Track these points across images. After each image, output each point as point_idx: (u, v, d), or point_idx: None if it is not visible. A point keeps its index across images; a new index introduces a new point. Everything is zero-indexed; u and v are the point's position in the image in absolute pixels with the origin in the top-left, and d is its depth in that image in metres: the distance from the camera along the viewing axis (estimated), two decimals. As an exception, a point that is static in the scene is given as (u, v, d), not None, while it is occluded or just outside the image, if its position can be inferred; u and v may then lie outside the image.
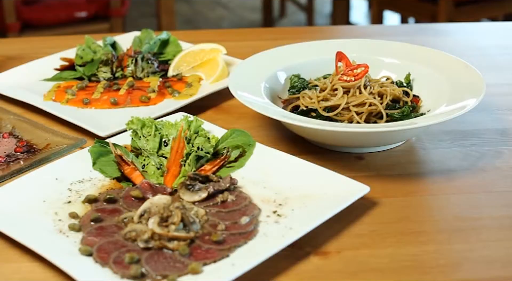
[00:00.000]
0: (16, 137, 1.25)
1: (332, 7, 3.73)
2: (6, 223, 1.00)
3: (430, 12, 2.93)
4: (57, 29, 2.94)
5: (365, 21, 4.86)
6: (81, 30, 2.83)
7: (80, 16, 3.03)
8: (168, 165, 1.11)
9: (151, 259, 0.93)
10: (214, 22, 4.81)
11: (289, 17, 4.93)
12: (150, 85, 1.39)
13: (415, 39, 1.74)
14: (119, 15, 3.00)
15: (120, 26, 3.00)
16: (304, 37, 1.65)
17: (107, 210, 1.03)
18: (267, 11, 4.52)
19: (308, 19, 4.35)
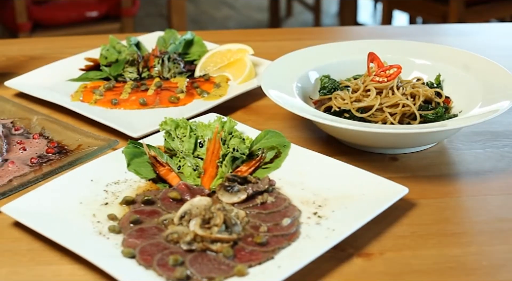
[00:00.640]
0: (46, 138, 1.24)
1: (339, 7, 3.73)
2: (45, 225, 0.99)
3: (440, 12, 2.93)
4: (68, 29, 2.92)
5: (371, 21, 4.87)
6: (92, 30, 2.83)
7: (91, 16, 3.02)
8: (205, 166, 1.10)
9: (195, 261, 0.92)
10: (220, 22, 4.81)
11: (295, 17, 4.93)
12: (178, 86, 1.38)
13: (437, 40, 1.74)
14: (130, 15, 2.99)
15: (131, 26, 2.99)
16: (328, 37, 1.66)
17: (146, 211, 1.02)
18: (274, 11, 4.51)
19: (315, 19, 4.35)
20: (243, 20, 4.90)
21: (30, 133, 1.26)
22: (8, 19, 2.95)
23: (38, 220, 1.00)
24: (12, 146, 1.21)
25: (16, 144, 1.21)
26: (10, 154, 1.19)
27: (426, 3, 3.03)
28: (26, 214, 1.01)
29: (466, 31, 1.93)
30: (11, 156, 1.18)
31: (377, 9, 4.92)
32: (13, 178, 1.12)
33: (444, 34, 1.90)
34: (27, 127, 1.27)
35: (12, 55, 1.64)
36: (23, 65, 1.59)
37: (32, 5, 2.96)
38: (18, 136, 1.25)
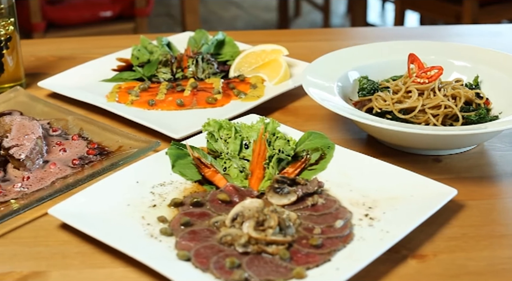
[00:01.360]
0: (85, 139, 1.22)
1: (347, 7, 3.72)
2: (95, 227, 0.98)
3: (454, 12, 2.93)
4: (81, 29, 2.91)
5: (380, 21, 4.87)
6: (105, 30, 2.81)
7: (105, 16, 3.00)
8: (252, 168, 1.09)
9: (252, 264, 0.91)
10: (228, 22, 4.80)
11: (303, 17, 4.93)
12: (213, 87, 1.37)
13: (464, 41, 1.74)
14: (144, 15, 2.97)
15: (145, 26, 2.98)
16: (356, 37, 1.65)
17: (196, 213, 1.02)
18: (283, 11, 4.51)
19: (324, 19, 4.34)
20: (251, 20, 4.90)
21: (68, 134, 1.25)
22: (22, 19, 2.92)
23: (86, 222, 0.99)
24: (51, 147, 1.20)
25: (56, 145, 1.20)
26: (51, 155, 1.18)
27: (439, 3, 3.02)
28: (74, 216, 1.00)
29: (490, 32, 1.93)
30: (52, 157, 1.17)
31: (385, 9, 4.93)
32: (56, 180, 1.11)
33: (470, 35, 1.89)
34: (64, 128, 1.26)
35: (41, 55, 1.63)
36: (53, 66, 1.58)
37: (46, 5, 2.94)
38: (56, 137, 1.24)
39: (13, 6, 1.39)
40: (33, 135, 1.17)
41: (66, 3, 3.03)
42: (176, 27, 4.71)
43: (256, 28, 4.73)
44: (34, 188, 1.10)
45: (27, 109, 1.34)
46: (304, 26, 4.78)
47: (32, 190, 1.09)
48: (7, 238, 1.01)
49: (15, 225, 1.03)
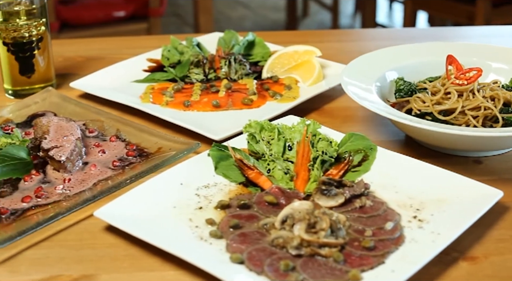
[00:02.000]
0: (123, 141, 1.22)
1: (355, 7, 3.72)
2: (142, 230, 0.97)
3: (466, 13, 2.93)
4: (95, 29, 2.89)
5: (387, 21, 4.87)
6: (119, 30, 2.80)
7: (118, 16, 2.99)
8: (296, 170, 1.09)
9: (306, 266, 0.90)
10: (236, 22, 4.79)
11: (311, 17, 4.93)
12: (247, 88, 1.37)
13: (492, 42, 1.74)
14: (158, 15, 2.96)
15: (158, 26, 2.96)
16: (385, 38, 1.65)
17: (244, 216, 1.01)
18: (291, 11, 4.50)
19: (333, 19, 4.34)
20: (259, 20, 4.89)
21: (105, 135, 1.24)
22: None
23: (133, 224, 0.99)
24: (89, 148, 1.19)
25: (94, 146, 1.20)
26: (89, 157, 1.17)
27: (451, 3, 3.02)
28: (120, 219, 1.00)
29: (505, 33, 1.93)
30: (91, 159, 1.16)
31: (393, 9, 4.94)
32: (98, 182, 1.10)
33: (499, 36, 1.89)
34: (100, 130, 1.25)
35: (69, 56, 1.62)
36: (82, 66, 1.57)
37: (59, 4, 2.92)
38: (93, 138, 1.23)
39: (45, 6, 1.38)
40: (72, 137, 1.16)
41: (80, 3, 3.01)
42: (185, 27, 4.70)
43: (264, 28, 4.72)
44: (76, 190, 1.09)
45: (59, 110, 1.33)
46: (312, 26, 4.78)
47: (74, 192, 1.08)
48: (52, 241, 1.00)
49: (60, 227, 1.02)
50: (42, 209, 1.05)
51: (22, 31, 1.36)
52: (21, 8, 1.36)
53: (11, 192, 1.09)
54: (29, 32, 1.37)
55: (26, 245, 0.99)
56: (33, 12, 1.37)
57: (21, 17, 1.36)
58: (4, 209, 1.04)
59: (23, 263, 0.96)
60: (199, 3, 3.11)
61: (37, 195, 1.07)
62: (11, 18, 1.36)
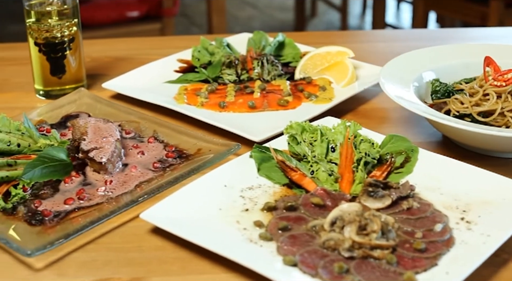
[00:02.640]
0: (161, 142, 1.21)
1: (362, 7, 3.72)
2: (191, 232, 0.96)
3: (479, 14, 2.93)
4: (108, 29, 2.88)
5: (395, 22, 4.87)
6: (132, 30, 2.79)
7: (132, 16, 2.97)
8: (340, 171, 1.08)
9: (360, 269, 0.90)
10: (244, 22, 4.79)
11: (319, 17, 4.93)
12: (281, 89, 1.36)
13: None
14: (171, 15, 2.95)
15: (172, 27, 2.95)
16: (417, 39, 1.64)
17: (292, 218, 1.00)
18: (300, 11, 4.50)
19: (342, 19, 4.34)
20: (267, 20, 4.89)
21: (142, 136, 1.23)
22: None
23: (180, 226, 0.98)
24: (128, 149, 1.18)
25: (132, 148, 1.19)
26: (129, 158, 1.16)
27: (464, 3, 3.03)
28: (167, 221, 0.99)
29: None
30: (130, 160, 1.16)
31: (400, 9, 4.94)
32: (139, 183, 1.10)
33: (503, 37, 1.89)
34: (137, 131, 1.25)
35: (96, 56, 1.61)
36: (110, 66, 1.56)
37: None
38: (130, 140, 1.22)
39: (77, 6, 1.37)
40: (111, 138, 1.15)
41: (93, 3, 3.00)
42: (193, 27, 4.69)
43: (273, 29, 4.71)
44: (119, 192, 1.08)
45: (92, 111, 1.32)
46: (321, 26, 4.78)
47: (116, 193, 1.08)
48: (98, 244, 0.99)
49: (104, 230, 1.02)
50: (85, 211, 1.04)
51: (54, 32, 1.35)
52: (53, 9, 1.35)
53: (52, 194, 1.08)
54: (61, 33, 1.36)
55: (72, 248, 0.98)
56: (65, 12, 1.36)
57: (52, 17, 1.36)
58: (47, 211, 1.03)
59: (70, 266, 0.95)
60: (212, 3, 3.10)
61: (80, 197, 1.06)
62: (43, 18, 1.35)
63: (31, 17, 1.35)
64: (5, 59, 1.63)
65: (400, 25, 4.73)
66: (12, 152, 1.16)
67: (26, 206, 1.05)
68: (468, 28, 2.18)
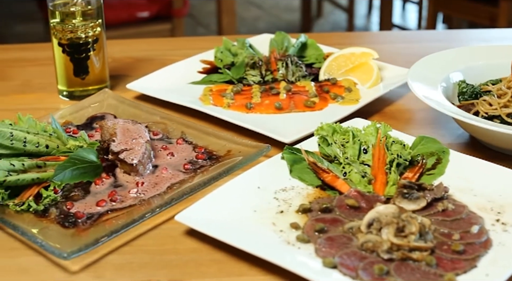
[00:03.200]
0: (190, 144, 1.20)
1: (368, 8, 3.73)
2: (227, 234, 0.96)
3: (489, 14, 2.93)
4: (118, 30, 2.87)
5: (401, 22, 4.86)
6: (142, 31, 2.79)
7: (142, 16, 2.97)
8: (373, 173, 1.08)
9: (400, 271, 0.90)
10: (250, 22, 4.78)
11: (325, 18, 4.93)
12: (306, 89, 1.36)
13: None
14: (181, 16, 2.94)
15: (182, 27, 2.95)
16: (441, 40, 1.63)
17: (327, 219, 1.00)
18: (306, 12, 4.49)
19: (348, 20, 4.35)
20: (273, 20, 4.89)
21: (170, 138, 1.23)
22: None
23: (216, 228, 0.98)
24: (157, 151, 1.18)
25: (161, 149, 1.18)
26: (158, 160, 1.16)
27: (473, 4, 3.03)
28: (202, 223, 0.99)
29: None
30: (160, 162, 1.15)
31: (406, 9, 4.95)
32: (171, 185, 1.09)
33: None
34: (164, 132, 1.24)
35: (117, 57, 1.60)
36: (132, 67, 1.55)
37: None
38: (158, 141, 1.22)
39: (101, 7, 1.37)
40: (141, 140, 1.14)
41: (103, 3, 2.99)
42: (199, 28, 4.69)
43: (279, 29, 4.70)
44: (151, 194, 1.07)
45: (117, 113, 1.31)
46: (327, 27, 4.78)
47: (148, 195, 1.07)
48: (132, 246, 0.99)
49: (138, 232, 1.01)
50: (118, 213, 1.03)
51: (79, 32, 1.35)
52: (77, 9, 1.35)
53: (84, 196, 1.07)
54: (85, 33, 1.35)
55: (107, 250, 0.98)
56: (89, 13, 1.35)
57: (76, 18, 1.35)
58: (80, 213, 1.03)
59: (107, 269, 0.94)
60: (222, 4, 3.09)
61: (112, 199, 1.06)
62: (67, 19, 1.35)
63: (55, 18, 1.35)
64: (26, 60, 1.62)
65: (406, 25, 4.73)
66: (41, 153, 1.15)
67: (57, 208, 1.05)
68: (492, 29, 2.18)
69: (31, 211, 1.04)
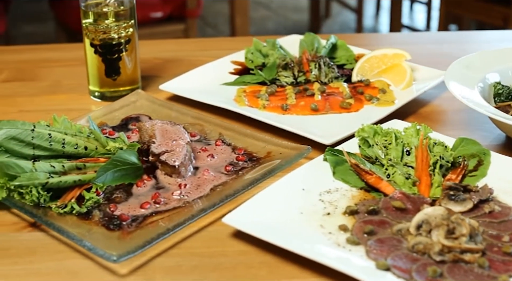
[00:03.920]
0: (228, 145, 1.20)
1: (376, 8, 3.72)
2: (276, 236, 0.96)
3: (501, 15, 2.93)
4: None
5: (408, 22, 4.87)
6: (156, 31, 2.77)
7: (156, 17, 2.96)
8: (418, 175, 1.08)
9: (453, 273, 0.90)
10: (258, 22, 4.78)
11: (333, 18, 4.93)
12: (340, 91, 1.35)
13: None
14: (195, 16, 2.93)
15: (195, 28, 2.94)
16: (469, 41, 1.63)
17: (375, 221, 1.00)
18: (314, 12, 4.49)
19: (358, 20, 4.35)
20: (281, 20, 4.89)
21: (208, 139, 1.22)
22: (73, 20, 2.87)
23: (264, 230, 0.97)
24: (196, 152, 1.17)
25: (200, 151, 1.18)
26: (199, 162, 1.15)
27: (485, 5, 3.02)
28: (250, 225, 0.98)
29: None
30: (201, 164, 1.15)
31: (413, 10, 4.95)
32: (214, 187, 1.09)
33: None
34: (202, 133, 1.24)
35: (145, 57, 1.59)
36: (162, 68, 1.55)
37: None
38: (196, 142, 1.21)
39: (134, 7, 1.36)
40: (182, 141, 1.14)
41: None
42: (207, 28, 4.68)
43: (287, 29, 4.71)
44: (194, 196, 1.07)
45: (151, 114, 1.30)
46: (335, 27, 4.78)
47: (192, 197, 1.06)
48: (180, 248, 0.98)
49: (184, 234, 1.01)
50: (163, 216, 1.02)
51: (112, 33, 1.34)
52: (110, 10, 1.34)
53: (126, 198, 1.07)
54: (118, 34, 1.35)
55: (155, 253, 0.97)
56: (121, 13, 1.35)
57: (109, 18, 1.34)
58: (125, 216, 1.02)
59: (157, 271, 0.94)
60: (235, 4, 3.08)
61: (156, 201, 1.05)
62: (99, 19, 1.34)
63: (88, 18, 1.34)
64: (53, 60, 1.62)
65: (414, 26, 4.73)
66: (79, 155, 1.14)
67: (100, 210, 1.04)
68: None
69: (74, 213, 1.03)
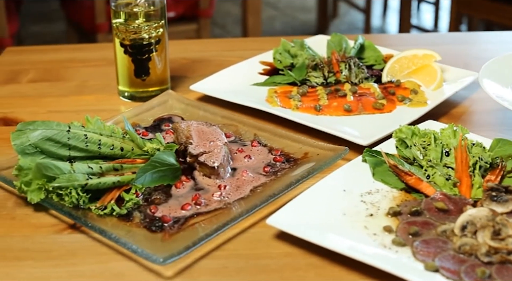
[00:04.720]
0: (264, 146, 1.20)
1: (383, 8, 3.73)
2: (322, 238, 0.95)
3: None
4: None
5: (416, 22, 4.87)
6: (169, 31, 2.76)
7: (168, 17, 2.93)
8: (458, 176, 1.08)
9: (501, 274, 0.90)
10: (266, 22, 4.76)
11: (341, 18, 4.93)
12: (371, 91, 1.35)
13: None
14: (207, 16, 2.93)
15: (207, 27, 2.93)
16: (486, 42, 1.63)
17: (419, 222, 1.00)
18: (322, 12, 4.49)
19: (366, 20, 4.35)
20: (288, 20, 4.88)
21: (243, 140, 1.22)
22: (87, 20, 2.86)
23: (308, 232, 0.97)
24: (233, 153, 1.17)
25: (237, 151, 1.17)
26: (236, 163, 1.15)
27: (497, 5, 3.02)
28: (294, 226, 0.98)
29: None
30: (238, 165, 1.14)
31: (421, 9, 4.96)
32: (254, 188, 1.08)
33: None
34: (237, 134, 1.23)
35: (172, 58, 1.58)
36: (189, 68, 1.54)
37: (107, 5, 2.88)
38: (232, 143, 1.21)
39: (164, 7, 1.35)
40: (219, 142, 1.13)
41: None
42: (214, 28, 4.67)
43: (295, 29, 4.71)
44: (235, 197, 1.06)
45: (183, 114, 1.30)
46: (343, 27, 4.78)
47: (232, 198, 1.06)
48: (224, 250, 0.98)
49: (226, 236, 1.00)
50: (204, 217, 1.02)
51: (142, 33, 1.33)
52: (140, 10, 1.33)
53: (166, 199, 1.06)
54: (148, 34, 1.34)
55: (199, 255, 0.96)
56: (151, 13, 1.34)
57: (139, 19, 1.34)
58: (166, 217, 1.01)
59: (202, 274, 0.93)
60: (248, 4, 3.07)
61: (196, 203, 1.05)
62: (129, 19, 1.33)
63: (119, 18, 1.34)
64: (78, 61, 1.61)
65: (422, 26, 4.74)
66: (116, 155, 1.14)
67: (141, 211, 1.03)
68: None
69: (114, 215, 1.02)
